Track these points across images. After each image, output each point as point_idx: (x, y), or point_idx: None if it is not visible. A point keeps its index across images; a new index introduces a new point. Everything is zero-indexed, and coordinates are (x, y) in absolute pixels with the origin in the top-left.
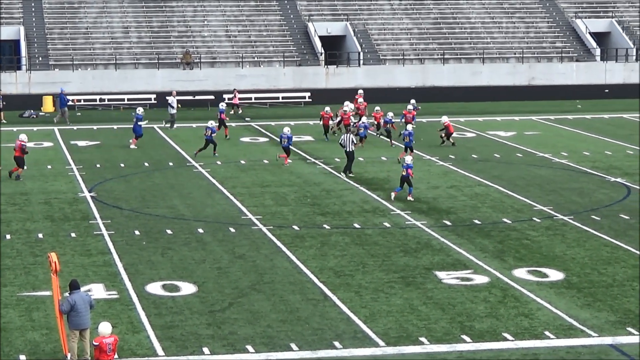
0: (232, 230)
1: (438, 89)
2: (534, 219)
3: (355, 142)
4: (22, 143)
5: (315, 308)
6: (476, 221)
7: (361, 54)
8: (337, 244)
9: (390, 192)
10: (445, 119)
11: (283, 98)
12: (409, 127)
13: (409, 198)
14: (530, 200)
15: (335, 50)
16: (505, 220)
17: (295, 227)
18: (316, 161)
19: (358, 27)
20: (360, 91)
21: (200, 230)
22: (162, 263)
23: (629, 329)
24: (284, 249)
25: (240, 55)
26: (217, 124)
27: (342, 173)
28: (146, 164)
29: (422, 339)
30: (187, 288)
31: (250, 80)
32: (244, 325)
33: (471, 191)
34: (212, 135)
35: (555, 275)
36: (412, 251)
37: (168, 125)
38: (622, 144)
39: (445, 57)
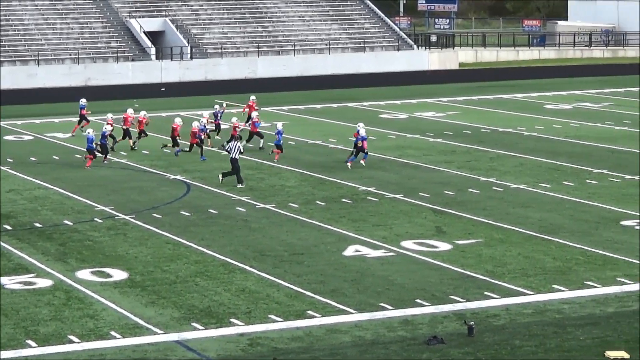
0: None
1: None
2: (96, 219)
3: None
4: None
5: None
6: (37, 224)
7: None
8: None
9: None
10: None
11: None
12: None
13: (362, 162)
14: (92, 201)
15: None
16: (66, 222)
17: None
18: None
19: None
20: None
21: None
22: None
23: (194, 324)
24: None
25: None
26: None
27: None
28: None
29: None
30: None
31: None
32: None
33: (31, 194)
34: None
35: (118, 274)
36: None
37: None
38: None
39: None
